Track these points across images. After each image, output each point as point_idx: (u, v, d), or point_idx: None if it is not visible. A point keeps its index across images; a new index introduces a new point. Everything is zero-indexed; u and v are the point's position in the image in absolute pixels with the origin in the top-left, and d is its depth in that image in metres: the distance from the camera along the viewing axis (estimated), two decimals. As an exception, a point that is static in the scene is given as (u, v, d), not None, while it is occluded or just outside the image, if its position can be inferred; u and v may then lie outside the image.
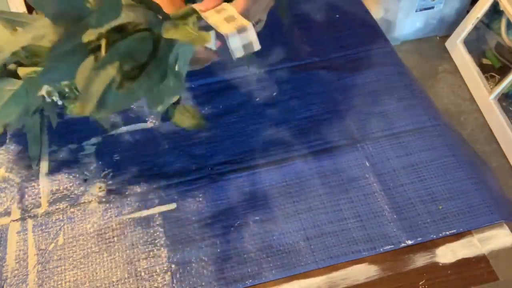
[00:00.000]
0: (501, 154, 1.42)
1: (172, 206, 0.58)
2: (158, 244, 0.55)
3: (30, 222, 0.57)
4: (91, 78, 0.44)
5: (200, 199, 0.58)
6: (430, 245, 0.54)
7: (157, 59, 0.47)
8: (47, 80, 0.48)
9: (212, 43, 0.49)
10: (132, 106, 0.68)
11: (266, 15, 0.55)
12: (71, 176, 0.61)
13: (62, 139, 0.65)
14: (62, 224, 0.57)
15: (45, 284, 0.52)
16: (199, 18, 0.49)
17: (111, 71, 0.45)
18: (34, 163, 0.63)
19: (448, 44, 1.68)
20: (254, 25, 0.49)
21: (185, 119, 0.64)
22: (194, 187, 0.59)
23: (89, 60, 0.45)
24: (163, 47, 0.48)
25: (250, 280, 0.52)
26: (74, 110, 0.52)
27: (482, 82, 1.51)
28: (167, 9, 0.47)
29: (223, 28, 0.47)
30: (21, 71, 0.48)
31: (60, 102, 0.52)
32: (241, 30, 0.47)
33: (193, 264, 0.53)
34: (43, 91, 0.52)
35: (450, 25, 1.68)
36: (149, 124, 0.66)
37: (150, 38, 0.47)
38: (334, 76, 0.71)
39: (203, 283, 0.52)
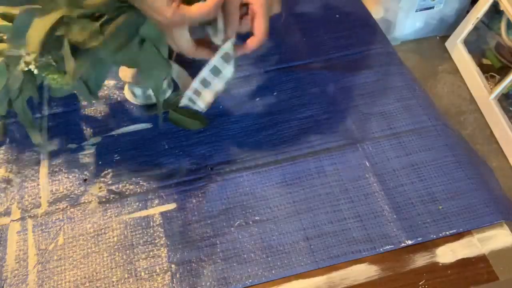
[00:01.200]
0: (501, 154, 1.42)
1: (172, 206, 0.58)
2: (158, 244, 0.55)
3: (30, 222, 0.57)
4: (34, 21, 0.46)
5: (200, 199, 0.58)
6: (430, 245, 0.54)
7: (125, 21, 0.48)
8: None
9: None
10: (132, 106, 0.68)
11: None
12: (71, 176, 0.61)
13: (62, 139, 0.65)
14: (62, 224, 0.57)
15: (45, 284, 0.52)
16: None
17: (55, 15, 0.46)
18: (42, 149, 0.63)
19: (448, 44, 1.69)
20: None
21: (185, 119, 0.65)
22: (194, 187, 0.59)
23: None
24: (130, 10, 0.48)
25: (250, 280, 0.52)
26: (52, 81, 0.53)
27: (482, 82, 1.51)
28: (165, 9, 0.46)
29: None
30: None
31: (36, 72, 0.52)
32: None
33: (193, 264, 0.53)
34: (22, 64, 0.52)
35: (450, 25, 1.69)
36: (149, 124, 0.66)
37: None
38: (334, 76, 0.71)
39: (203, 283, 0.52)
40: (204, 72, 0.56)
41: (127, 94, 0.69)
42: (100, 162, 0.62)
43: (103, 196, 0.59)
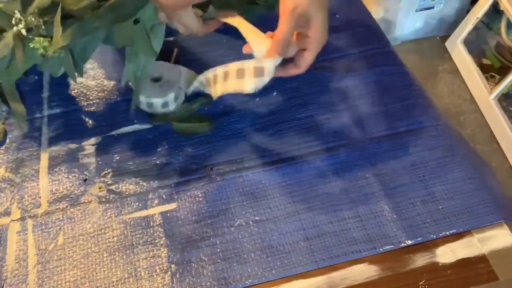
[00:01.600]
0: (501, 154, 1.42)
1: (172, 206, 0.58)
2: (158, 244, 0.55)
3: (30, 222, 0.57)
4: None
5: (200, 199, 0.58)
6: (430, 245, 0.54)
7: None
8: None
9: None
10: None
11: None
12: (71, 176, 0.61)
13: (62, 139, 0.65)
14: (62, 224, 0.57)
15: (45, 284, 0.52)
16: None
17: None
18: (24, 125, 0.63)
19: (448, 44, 1.68)
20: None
21: (191, 125, 0.64)
22: (194, 187, 0.59)
23: None
24: None
25: (250, 280, 0.52)
26: (37, 44, 0.53)
27: (482, 82, 1.51)
28: None
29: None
30: None
31: (24, 33, 0.52)
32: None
33: (193, 264, 0.53)
34: (12, 21, 0.52)
35: (450, 25, 1.68)
36: (149, 124, 0.66)
37: None
38: (334, 76, 0.71)
39: (203, 283, 0.52)
40: (231, 67, 0.54)
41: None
42: (100, 162, 0.62)
43: (103, 196, 0.59)
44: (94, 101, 0.69)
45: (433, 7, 1.61)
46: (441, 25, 1.70)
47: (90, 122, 0.67)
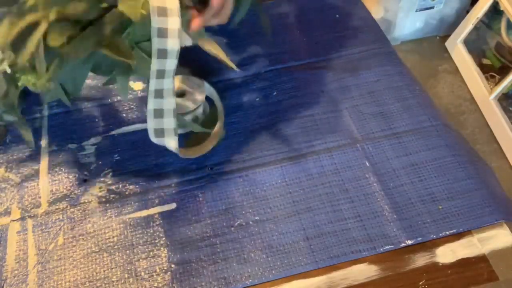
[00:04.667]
0: (501, 154, 1.42)
1: (172, 206, 0.58)
2: (158, 244, 0.55)
3: (30, 222, 0.57)
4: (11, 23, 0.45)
5: (200, 199, 0.58)
6: (430, 245, 0.54)
7: (96, 25, 0.48)
8: None
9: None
10: (132, 106, 0.68)
11: None
12: (71, 176, 0.61)
13: (62, 139, 0.65)
14: (62, 224, 0.57)
15: (45, 284, 0.52)
16: None
17: (31, 17, 0.45)
18: (30, 144, 0.63)
19: (448, 44, 1.69)
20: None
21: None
22: (194, 187, 0.59)
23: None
24: (109, 17, 0.48)
25: (250, 280, 0.52)
26: (26, 82, 0.52)
27: (482, 82, 1.51)
28: None
29: None
30: None
31: (9, 71, 0.51)
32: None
33: (193, 264, 0.53)
34: None
35: (450, 25, 1.69)
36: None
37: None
38: (334, 76, 0.71)
39: (203, 283, 0.52)
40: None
41: None
42: (100, 162, 0.62)
43: (103, 196, 0.59)
44: (94, 101, 0.69)
45: (433, 7, 1.61)
46: (441, 25, 1.70)
47: (90, 122, 0.67)
